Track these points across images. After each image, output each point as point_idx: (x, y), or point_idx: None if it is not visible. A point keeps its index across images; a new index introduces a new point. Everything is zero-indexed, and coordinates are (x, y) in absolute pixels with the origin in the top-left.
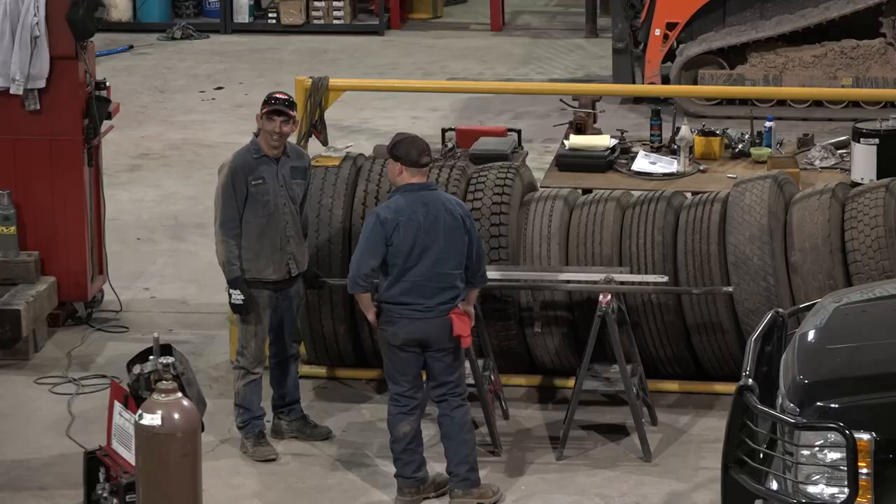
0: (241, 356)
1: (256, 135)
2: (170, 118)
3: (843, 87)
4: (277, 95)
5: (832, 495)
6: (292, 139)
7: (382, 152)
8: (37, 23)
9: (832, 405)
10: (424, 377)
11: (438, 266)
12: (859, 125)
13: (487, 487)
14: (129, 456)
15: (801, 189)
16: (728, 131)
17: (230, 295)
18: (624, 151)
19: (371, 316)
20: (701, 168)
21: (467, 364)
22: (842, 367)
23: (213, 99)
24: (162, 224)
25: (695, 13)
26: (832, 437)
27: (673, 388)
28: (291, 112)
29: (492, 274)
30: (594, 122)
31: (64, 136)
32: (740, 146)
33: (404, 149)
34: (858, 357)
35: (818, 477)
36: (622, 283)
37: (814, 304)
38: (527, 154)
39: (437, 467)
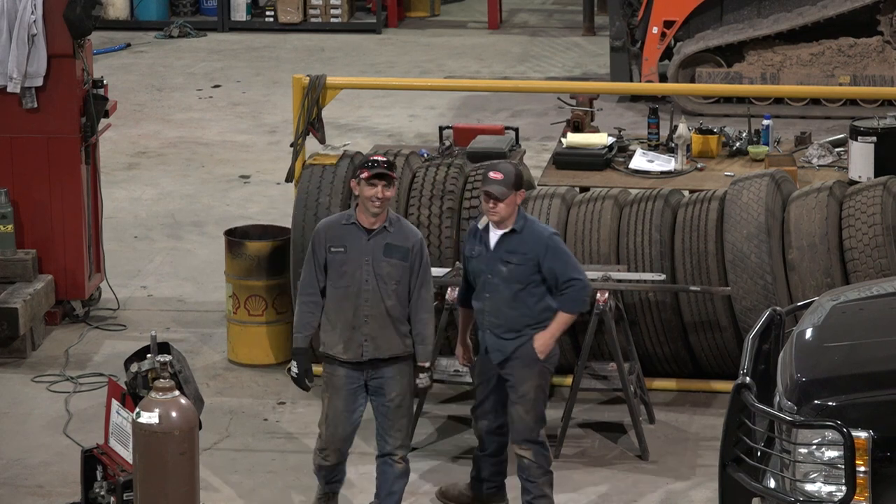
0: (319, 437)
1: (356, 205)
2: (167, 116)
3: (840, 85)
4: (377, 158)
5: (830, 493)
6: (290, 137)
7: (501, 191)
8: (34, 21)
9: (830, 403)
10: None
11: None
12: (857, 123)
13: None
14: (127, 454)
15: (799, 187)
16: (726, 129)
17: (290, 364)
18: (621, 149)
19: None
20: (698, 166)
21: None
22: (839, 365)
23: (211, 97)
24: (159, 222)
25: (692, 11)
26: (830, 435)
27: (670, 386)
28: (393, 174)
29: None
30: (591, 120)
31: (61, 134)
32: (738, 144)
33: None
34: (856, 355)
35: (816, 475)
36: (619, 280)
37: (811, 302)
38: (524, 152)
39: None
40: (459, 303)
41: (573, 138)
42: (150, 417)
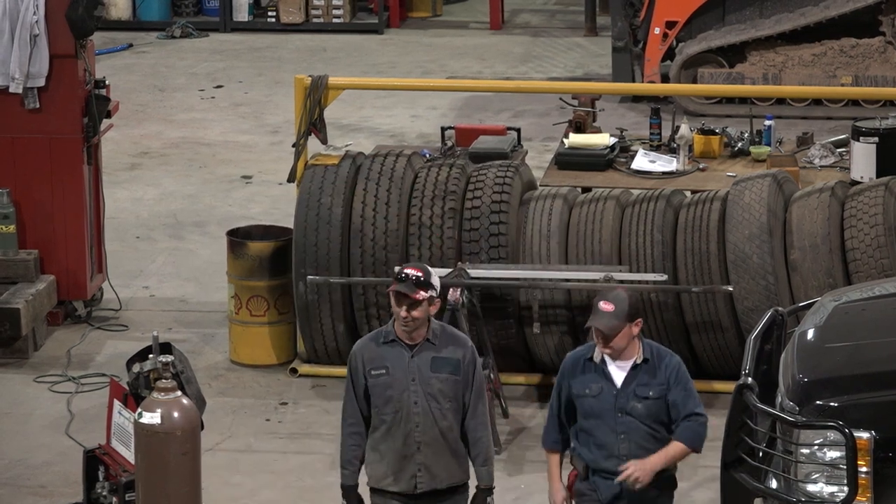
0: None
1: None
2: (169, 117)
3: (842, 85)
4: (407, 271)
5: (831, 494)
6: (292, 138)
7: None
8: (36, 21)
9: (831, 404)
10: None
11: None
12: (859, 124)
13: None
14: (129, 454)
15: (801, 187)
16: (727, 130)
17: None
18: (623, 150)
19: None
20: (700, 166)
21: None
22: (841, 365)
23: (213, 98)
24: (161, 222)
25: (694, 12)
26: (831, 435)
27: None
28: (420, 294)
29: (491, 272)
30: (593, 120)
31: (63, 134)
32: (740, 144)
33: None
34: (858, 355)
35: (817, 475)
36: (622, 281)
37: (813, 302)
38: (526, 153)
39: None
40: (549, 446)
41: (575, 139)
42: (152, 418)
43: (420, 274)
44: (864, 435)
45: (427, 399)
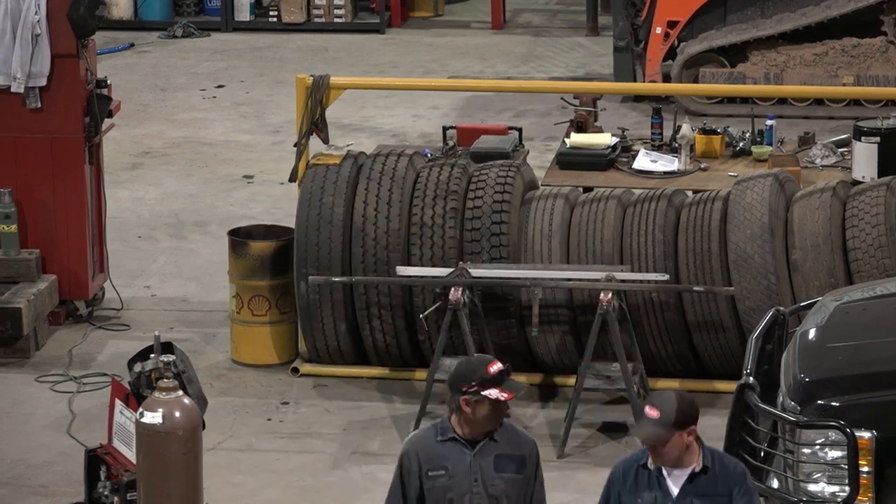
0: None
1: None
2: (171, 116)
3: (844, 85)
4: (496, 368)
5: (833, 493)
6: (293, 138)
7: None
8: (38, 21)
9: (833, 403)
10: None
11: None
12: (860, 123)
13: None
14: (130, 454)
15: (802, 187)
16: (729, 129)
17: None
18: (625, 150)
19: None
20: (702, 166)
21: None
22: (843, 365)
23: (214, 97)
24: (163, 222)
25: (696, 11)
26: (833, 435)
27: (674, 387)
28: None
29: (493, 272)
30: (595, 120)
31: (65, 134)
32: (741, 144)
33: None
34: (859, 355)
35: (819, 475)
36: (623, 281)
37: (815, 302)
38: (528, 152)
39: None
40: None
41: (577, 138)
42: (153, 417)
43: (507, 366)
44: (866, 435)
45: (490, 501)
